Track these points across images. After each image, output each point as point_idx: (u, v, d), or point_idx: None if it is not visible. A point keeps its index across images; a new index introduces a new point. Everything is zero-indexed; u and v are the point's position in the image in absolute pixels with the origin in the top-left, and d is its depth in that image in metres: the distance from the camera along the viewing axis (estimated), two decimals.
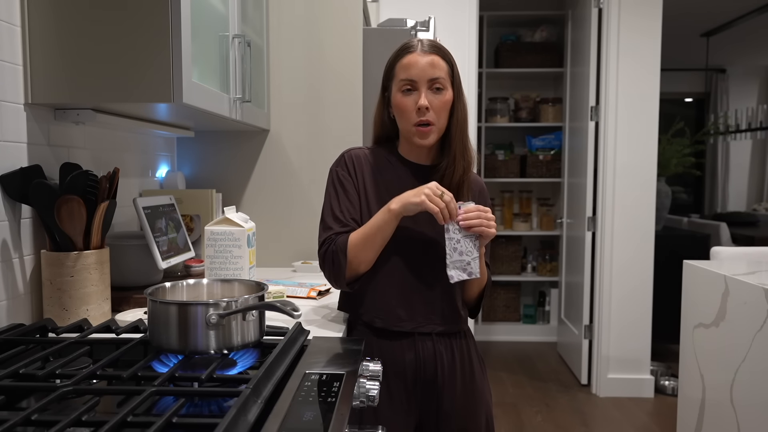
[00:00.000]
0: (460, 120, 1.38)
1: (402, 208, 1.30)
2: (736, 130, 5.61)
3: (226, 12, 1.65)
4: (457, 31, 3.39)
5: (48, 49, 1.27)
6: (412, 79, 1.34)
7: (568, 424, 3.19)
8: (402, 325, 1.37)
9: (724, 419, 1.89)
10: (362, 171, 1.43)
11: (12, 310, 1.24)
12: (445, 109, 1.36)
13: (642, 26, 3.47)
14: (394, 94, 1.37)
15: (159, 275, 1.59)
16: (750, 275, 1.88)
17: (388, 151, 1.46)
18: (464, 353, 1.42)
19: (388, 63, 1.41)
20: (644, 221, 3.56)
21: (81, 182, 1.29)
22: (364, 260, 1.34)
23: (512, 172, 4.64)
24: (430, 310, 1.38)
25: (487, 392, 1.45)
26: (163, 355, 1.01)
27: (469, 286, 1.43)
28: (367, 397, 0.98)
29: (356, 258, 1.33)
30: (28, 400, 0.89)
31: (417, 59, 1.34)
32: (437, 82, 1.35)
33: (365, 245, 1.33)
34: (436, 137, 1.38)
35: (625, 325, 3.58)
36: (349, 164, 1.43)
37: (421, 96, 1.34)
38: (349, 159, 1.44)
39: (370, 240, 1.32)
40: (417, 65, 1.34)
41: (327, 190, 1.44)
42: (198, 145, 2.18)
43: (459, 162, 1.38)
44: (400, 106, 1.36)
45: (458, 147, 1.38)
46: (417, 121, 1.35)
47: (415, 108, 1.34)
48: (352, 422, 0.92)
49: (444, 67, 1.36)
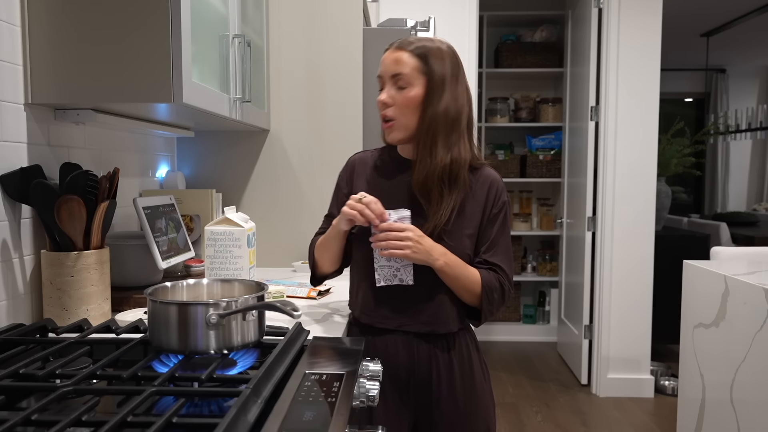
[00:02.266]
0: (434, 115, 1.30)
1: (337, 220, 1.37)
2: (736, 130, 5.61)
3: (226, 12, 1.65)
4: (457, 31, 3.39)
5: (48, 49, 1.27)
6: (380, 75, 1.36)
7: (568, 424, 3.19)
8: (387, 322, 1.36)
9: (724, 419, 1.89)
10: (361, 173, 1.45)
11: (12, 310, 1.24)
12: (409, 105, 1.31)
13: (642, 26, 3.47)
14: None
15: (159, 275, 1.59)
16: (750, 275, 1.88)
17: (389, 151, 1.46)
18: (463, 356, 1.38)
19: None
20: (644, 221, 3.56)
21: (81, 182, 1.29)
22: (324, 262, 1.45)
23: (512, 172, 4.64)
24: (416, 308, 1.35)
25: (488, 397, 1.41)
26: (163, 355, 1.01)
27: (453, 289, 1.35)
28: (367, 397, 0.98)
29: (319, 259, 1.46)
30: (28, 400, 0.89)
31: (386, 56, 1.36)
32: (399, 78, 1.31)
33: (322, 250, 1.45)
34: (401, 134, 1.34)
35: (625, 325, 3.58)
36: (348, 169, 1.48)
37: (383, 92, 1.35)
38: (351, 163, 1.49)
39: (325, 246, 1.44)
40: (384, 62, 1.36)
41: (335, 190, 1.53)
42: (198, 145, 2.18)
43: (425, 159, 1.31)
44: (377, 102, 1.37)
45: (423, 144, 1.31)
46: (381, 116, 1.37)
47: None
48: (352, 422, 0.92)
49: (410, 62, 1.30)
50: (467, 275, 1.33)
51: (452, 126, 1.32)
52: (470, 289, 1.34)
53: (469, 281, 1.34)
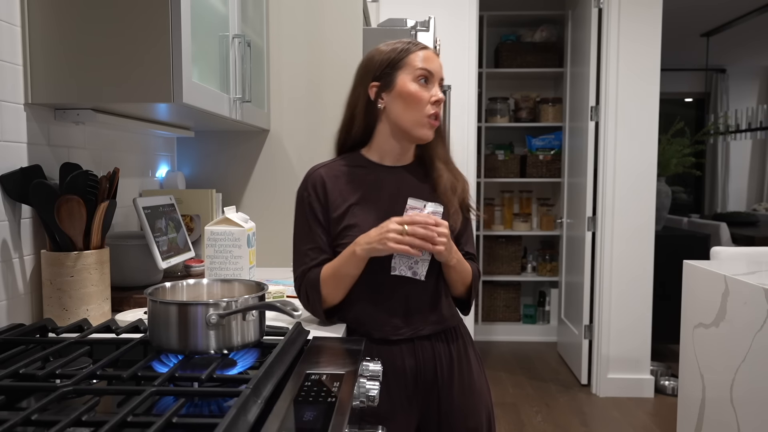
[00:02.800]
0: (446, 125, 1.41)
1: (366, 253, 1.26)
2: (736, 130, 5.62)
3: (226, 12, 1.65)
4: (457, 31, 3.39)
5: (48, 49, 1.27)
6: (432, 71, 1.33)
7: (568, 424, 3.19)
8: (401, 332, 1.34)
9: (724, 419, 1.89)
10: (336, 188, 1.35)
11: (12, 310, 1.24)
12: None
13: (642, 26, 3.47)
14: (406, 83, 1.32)
15: (159, 275, 1.59)
16: (750, 275, 1.88)
17: (354, 158, 1.40)
18: (461, 352, 1.40)
19: (393, 55, 1.34)
20: (644, 221, 3.56)
21: (81, 182, 1.29)
22: (336, 296, 1.32)
23: (512, 172, 4.64)
24: (423, 311, 1.35)
25: (486, 389, 1.44)
26: (163, 355, 1.01)
27: (453, 283, 1.39)
28: (367, 397, 0.98)
29: (329, 295, 1.32)
30: (28, 400, 0.89)
31: (433, 56, 1.35)
32: (441, 82, 1.37)
33: (335, 284, 1.31)
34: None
35: (625, 325, 3.58)
36: (318, 189, 1.35)
37: (437, 89, 1.34)
38: (318, 180, 1.36)
39: (339, 280, 1.30)
40: (435, 61, 1.34)
41: (297, 215, 1.38)
42: (198, 145, 2.18)
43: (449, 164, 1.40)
44: (417, 94, 1.31)
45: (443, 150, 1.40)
46: (432, 113, 1.32)
47: (430, 100, 1.32)
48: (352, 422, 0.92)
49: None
50: (466, 269, 1.39)
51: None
52: (466, 282, 1.41)
53: (467, 274, 1.40)
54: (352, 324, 1.37)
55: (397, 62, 1.34)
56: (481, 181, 4.60)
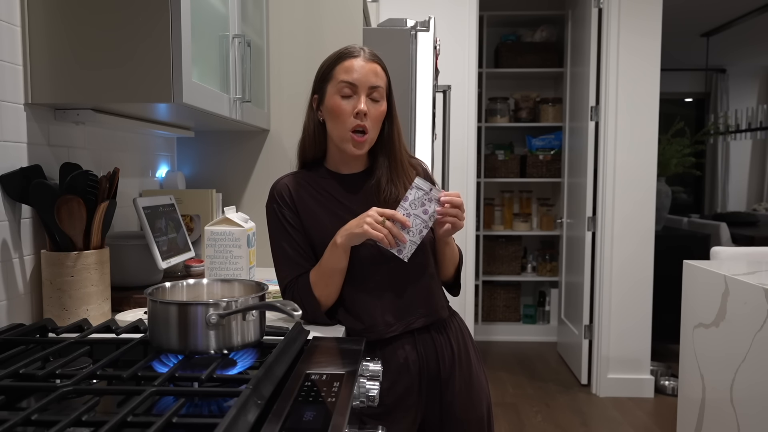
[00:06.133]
0: (392, 134, 1.37)
1: (347, 240, 1.27)
2: (736, 130, 5.62)
3: (226, 12, 1.65)
4: (457, 31, 3.39)
5: (48, 49, 1.27)
6: (353, 82, 1.29)
7: (568, 424, 3.19)
8: (394, 329, 1.35)
9: (724, 419, 1.89)
10: (301, 198, 1.37)
11: (12, 310, 1.24)
12: (379, 120, 1.33)
13: (642, 26, 3.47)
14: (330, 96, 1.31)
15: (159, 275, 1.59)
16: (750, 275, 1.88)
17: (316, 170, 1.41)
18: (461, 344, 1.42)
19: (324, 65, 1.36)
20: (644, 221, 3.56)
21: (81, 182, 1.29)
22: (330, 295, 1.33)
23: (512, 172, 4.64)
24: (413, 304, 1.36)
25: (484, 381, 1.46)
26: (163, 355, 1.01)
27: (446, 261, 1.44)
28: (367, 397, 0.98)
29: (322, 296, 1.33)
30: (28, 400, 0.89)
31: (361, 64, 1.31)
32: (376, 91, 1.31)
33: (325, 283, 1.32)
34: (368, 147, 1.35)
35: (625, 325, 3.58)
36: (286, 197, 1.37)
37: (361, 101, 1.29)
38: (285, 191, 1.38)
39: (328, 277, 1.32)
40: (361, 69, 1.30)
41: (271, 228, 1.39)
42: (198, 145, 2.18)
43: (387, 173, 1.37)
44: (337, 109, 1.30)
45: (391, 158, 1.37)
46: (354, 126, 1.29)
47: (353, 112, 1.29)
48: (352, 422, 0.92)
49: (384, 78, 1.34)
50: (455, 246, 1.46)
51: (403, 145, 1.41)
52: (455, 260, 1.46)
53: (456, 252, 1.47)
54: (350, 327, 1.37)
55: (327, 75, 1.34)
56: (481, 181, 4.61)
